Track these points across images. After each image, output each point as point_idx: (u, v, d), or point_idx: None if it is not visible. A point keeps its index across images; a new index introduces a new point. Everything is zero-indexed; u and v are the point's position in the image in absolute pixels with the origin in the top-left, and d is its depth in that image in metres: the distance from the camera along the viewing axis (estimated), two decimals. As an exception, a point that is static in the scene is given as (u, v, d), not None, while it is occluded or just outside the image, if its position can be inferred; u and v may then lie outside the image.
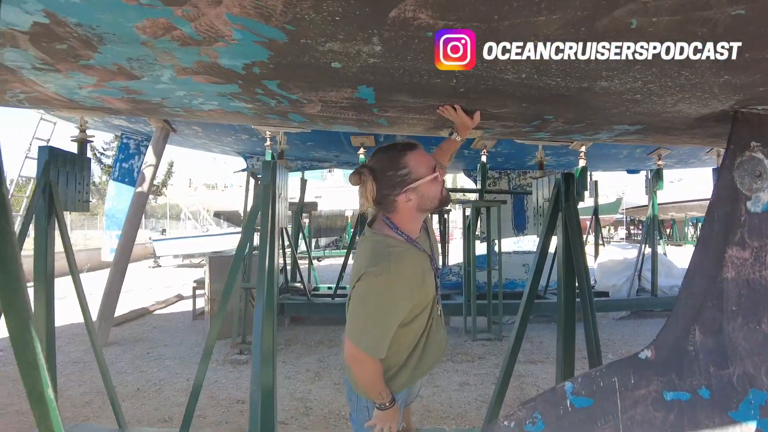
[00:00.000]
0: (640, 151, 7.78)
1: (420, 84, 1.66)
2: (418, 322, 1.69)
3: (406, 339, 1.68)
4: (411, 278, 1.57)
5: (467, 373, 5.06)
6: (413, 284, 1.58)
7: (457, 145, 2.10)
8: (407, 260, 1.57)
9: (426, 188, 1.61)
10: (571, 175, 2.82)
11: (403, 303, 1.57)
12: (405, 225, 1.64)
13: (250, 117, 2.42)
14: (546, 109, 2.01)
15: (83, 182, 3.33)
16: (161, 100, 2.24)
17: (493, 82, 1.64)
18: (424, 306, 1.68)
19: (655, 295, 8.05)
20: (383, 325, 1.55)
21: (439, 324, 1.80)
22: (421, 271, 1.63)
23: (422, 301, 1.66)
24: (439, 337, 1.82)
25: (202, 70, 1.73)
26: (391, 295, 1.52)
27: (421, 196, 1.62)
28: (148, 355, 6.01)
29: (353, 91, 1.79)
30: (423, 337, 1.72)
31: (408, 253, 1.60)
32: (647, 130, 2.43)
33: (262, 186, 2.63)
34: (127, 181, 7.68)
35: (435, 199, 1.64)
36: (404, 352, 1.70)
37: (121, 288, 6.79)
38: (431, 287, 1.69)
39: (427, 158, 1.64)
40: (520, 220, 8.48)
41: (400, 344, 1.66)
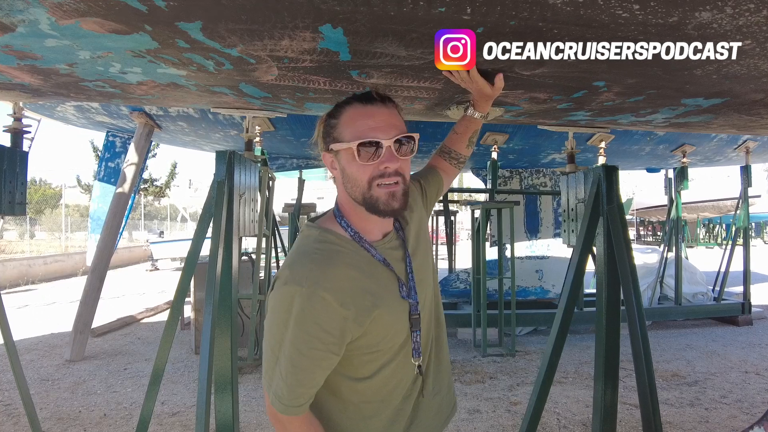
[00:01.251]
0: (663, 148, 7.14)
1: (415, 17, 1.06)
2: (382, 377, 1.11)
3: (366, 402, 1.13)
4: (347, 296, 1.02)
5: (478, 397, 4.44)
6: (353, 306, 1.02)
7: (477, 124, 1.49)
8: (342, 269, 1.04)
9: (346, 161, 1.07)
10: (614, 168, 2.21)
11: (329, 336, 1.01)
12: (352, 216, 1.12)
13: (194, 92, 1.83)
14: (600, 69, 1.40)
15: (16, 180, 2.76)
16: (69, 68, 1.67)
17: (531, 12, 1.04)
18: (385, 352, 1.10)
19: (679, 303, 7.42)
20: (296, 366, 1.01)
21: (430, 387, 1.21)
22: (371, 292, 1.05)
23: (377, 344, 1.08)
24: (433, 407, 1.21)
25: (84, 6, 1.14)
26: (306, 319, 0.99)
27: (342, 170, 1.09)
28: (125, 371, 5.46)
29: (315, 36, 1.19)
30: (396, 403, 1.15)
31: (348, 257, 1.06)
32: (725, 108, 1.82)
33: (215, 183, 2.04)
34: (113, 181, 7.21)
35: (357, 187, 1.07)
36: (365, 423, 1.13)
37: (100, 296, 6.25)
38: (397, 326, 1.10)
39: (363, 123, 1.05)
40: (532, 223, 7.83)
41: (357, 409, 1.12)
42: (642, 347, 2.07)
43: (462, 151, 1.48)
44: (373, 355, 1.10)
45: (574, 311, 2.32)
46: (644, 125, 2.24)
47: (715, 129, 2.31)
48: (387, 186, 1.05)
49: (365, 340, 1.06)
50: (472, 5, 1.02)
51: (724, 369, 5.26)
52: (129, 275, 15.20)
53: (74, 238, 20.89)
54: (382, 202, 1.05)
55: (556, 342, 2.20)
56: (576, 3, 1.03)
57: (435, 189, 1.41)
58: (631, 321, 2.10)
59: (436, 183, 1.42)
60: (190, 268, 2.15)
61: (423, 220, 1.30)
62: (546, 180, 7.88)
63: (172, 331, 2.18)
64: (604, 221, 2.20)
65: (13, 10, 1.21)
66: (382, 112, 1.07)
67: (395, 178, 1.05)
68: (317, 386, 1.06)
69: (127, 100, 2.25)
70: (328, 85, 1.61)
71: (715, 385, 4.74)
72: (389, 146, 1.04)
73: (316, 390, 1.07)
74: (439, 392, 1.24)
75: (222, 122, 6.04)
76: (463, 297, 7.19)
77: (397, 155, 1.05)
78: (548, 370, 2.20)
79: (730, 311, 7.40)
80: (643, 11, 1.07)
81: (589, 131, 2.46)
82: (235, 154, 2.12)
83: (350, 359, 1.08)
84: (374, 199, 1.05)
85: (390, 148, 1.04)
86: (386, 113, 1.07)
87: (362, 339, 1.06)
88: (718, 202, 21.95)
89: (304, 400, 1.04)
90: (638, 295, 2.09)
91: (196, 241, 2.11)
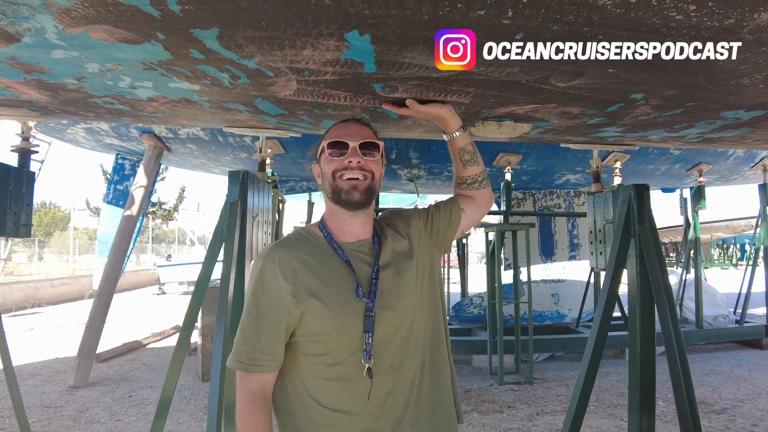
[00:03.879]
0: (679, 167, 7.02)
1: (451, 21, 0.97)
2: (336, 382, 1.17)
3: (325, 408, 1.17)
4: (290, 272, 1.18)
5: (496, 428, 4.25)
6: (293, 282, 1.17)
7: (455, 145, 1.46)
8: (297, 252, 1.21)
9: (322, 162, 1.27)
10: (645, 187, 2.09)
11: (271, 301, 1.17)
12: (330, 218, 1.30)
13: (207, 109, 1.75)
14: (641, 80, 1.30)
15: (22, 201, 2.69)
16: (77, 82, 1.60)
17: (577, 16, 0.95)
18: (335, 350, 1.17)
19: (701, 326, 7.18)
20: (244, 324, 1.19)
21: (406, 414, 1.21)
22: (319, 279, 1.18)
23: (321, 334, 1.16)
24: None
25: (93, 12, 1.07)
26: (257, 284, 1.19)
27: (322, 173, 1.28)
28: (130, 399, 5.32)
29: (339, 45, 1.10)
30: (355, 416, 1.17)
31: (309, 247, 1.24)
32: (765, 120, 1.71)
33: (227, 204, 1.94)
34: (121, 203, 7.19)
35: (326, 180, 1.25)
36: (322, 415, 1.17)
37: (105, 321, 6.14)
38: (344, 321, 1.16)
39: (338, 132, 1.26)
40: (547, 245, 7.67)
41: (314, 393, 1.18)
42: (682, 374, 1.93)
43: (461, 174, 1.48)
44: (320, 346, 1.16)
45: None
46: (675, 141, 2.14)
47: (749, 144, 2.21)
48: (350, 180, 1.21)
49: (308, 325, 1.16)
50: (514, 8, 0.93)
51: (752, 395, 5.03)
52: (136, 299, 15.11)
53: (82, 261, 20.89)
54: (344, 191, 1.21)
55: (589, 370, 2.06)
56: (627, 3, 0.94)
57: (447, 215, 1.42)
58: (668, 347, 1.96)
59: (449, 209, 1.43)
60: (200, 292, 2.04)
61: (420, 245, 1.33)
62: (560, 201, 7.75)
63: (180, 358, 2.07)
64: (636, 242, 2.07)
65: (18, 17, 1.13)
66: (355, 125, 1.27)
67: (358, 173, 1.21)
68: (262, 352, 1.15)
69: (136, 119, 2.19)
70: (349, 101, 1.53)
71: (744, 413, 4.52)
72: (354, 147, 1.22)
73: (262, 357, 1.15)
74: (417, 422, 1.22)
75: (232, 145, 6.01)
76: (477, 323, 7.01)
77: (361, 154, 1.22)
78: (581, 400, 2.06)
79: (754, 334, 7.17)
80: (698, 13, 0.98)
81: (615, 148, 2.36)
82: (248, 174, 2.03)
83: (302, 347, 1.18)
84: (338, 189, 1.21)
85: (355, 149, 1.22)
86: (358, 127, 1.27)
87: (305, 323, 1.16)
88: (732, 222, 21.67)
89: (246, 358, 1.15)
90: (675, 319, 1.95)
91: (207, 264, 2.00)
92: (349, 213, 1.23)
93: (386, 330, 1.19)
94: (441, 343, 1.30)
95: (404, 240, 1.31)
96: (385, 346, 1.19)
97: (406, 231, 1.33)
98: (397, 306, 1.21)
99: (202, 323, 5.96)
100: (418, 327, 1.25)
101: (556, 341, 6.35)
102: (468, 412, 4.62)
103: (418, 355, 1.24)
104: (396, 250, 1.28)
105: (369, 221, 1.29)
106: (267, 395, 1.19)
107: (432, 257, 1.35)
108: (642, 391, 2.09)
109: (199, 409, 4.87)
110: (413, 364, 1.23)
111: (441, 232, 1.39)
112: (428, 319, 1.28)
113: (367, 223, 1.29)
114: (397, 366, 1.20)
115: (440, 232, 1.39)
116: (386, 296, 1.20)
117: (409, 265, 1.27)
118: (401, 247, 1.30)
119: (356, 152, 1.21)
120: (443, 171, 6.60)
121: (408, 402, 1.21)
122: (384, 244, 1.28)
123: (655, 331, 2.12)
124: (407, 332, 1.22)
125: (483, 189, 1.46)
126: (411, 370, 1.22)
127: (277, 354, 1.18)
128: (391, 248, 1.28)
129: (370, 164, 1.23)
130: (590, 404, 4.84)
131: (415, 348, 1.24)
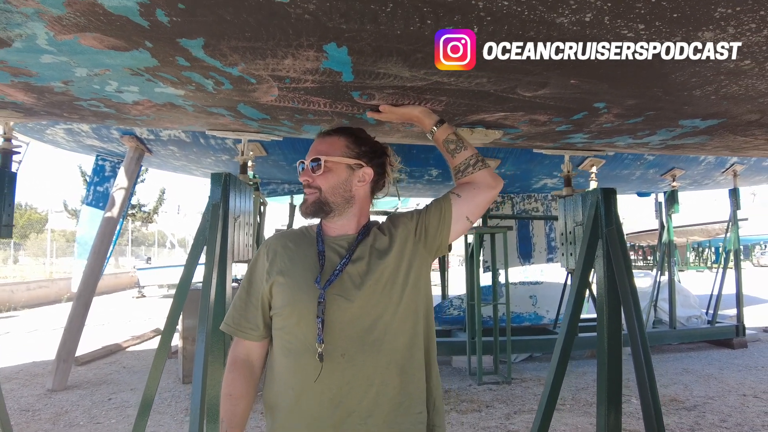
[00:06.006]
0: (653, 172, 7.22)
1: (421, 36, 1.05)
2: (291, 361, 1.28)
3: (279, 365, 1.31)
4: (272, 253, 1.37)
5: (474, 427, 4.34)
6: (270, 260, 1.35)
7: (438, 141, 1.51)
8: (284, 239, 1.41)
9: None
10: (612, 191, 2.20)
11: (255, 275, 1.38)
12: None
13: (191, 113, 1.80)
14: (601, 90, 1.40)
15: (4, 202, 2.70)
16: (64, 86, 1.64)
17: (537, 32, 1.03)
18: (290, 326, 1.28)
19: (674, 327, 7.39)
20: (236, 294, 1.40)
21: (361, 406, 1.25)
22: (293, 261, 1.34)
23: (281, 308, 1.30)
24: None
25: (84, 20, 1.12)
26: (251, 262, 1.42)
27: None
28: (110, 401, 5.28)
29: (318, 55, 1.17)
30: (294, 366, 1.28)
31: (297, 236, 1.42)
32: (721, 128, 1.83)
33: (209, 206, 1.99)
34: (101, 205, 7.10)
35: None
36: (280, 386, 1.30)
37: (85, 324, 6.08)
38: (301, 303, 1.27)
39: (314, 145, 1.39)
40: (525, 248, 7.82)
41: (279, 370, 1.31)
42: (646, 372, 2.03)
43: (452, 163, 1.50)
44: (279, 319, 1.30)
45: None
46: (640, 147, 2.25)
47: (709, 151, 2.33)
48: (306, 194, 1.36)
49: (275, 299, 1.32)
50: (479, 24, 1.01)
51: (722, 392, 5.21)
52: (115, 302, 14.90)
53: (59, 264, 20.50)
54: (303, 205, 1.36)
55: (558, 369, 2.15)
56: (582, 22, 1.03)
57: (437, 214, 1.41)
58: (633, 345, 2.06)
59: (439, 208, 1.42)
60: (182, 295, 2.08)
61: (405, 246, 1.37)
62: (538, 205, 7.90)
63: (162, 360, 2.10)
64: (603, 244, 2.18)
65: (11, 24, 1.18)
66: (321, 141, 1.37)
67: (306, 189, 1.35)
68: (246, 320, 1.34)
69: (121, 121, 2.22)
70: (329, 107, 1.60)
71: (714, 409, 4.69)
72: (306, 165, 1.35)
73: (246, 324, 1.34)
74: (370, 419, 1.24)
75: (214, 147, 6.01)
76: (456, 324, 7.10)
77: (311, 172, 1.33)
78: (550, 397, 2.15)
79: (725, 334, 7.40)
80: (647, 31, 1.08)
81: (585, 154, 2.47)
82: (230, 176, 2.08)
83: (274, 321, 1.33)
84: (303, 202, 1.37)
85: (307, 167, 1.35)
86: (321, 142, 1.37)
87: (273, 297, 1.32)
88: (706, 226, 22.12)
89: (233, 322, 1.35)
90: (640, 317, 2.06)
91: (188, 266, 2.04)
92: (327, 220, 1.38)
93: (339, 318, 1.25)
94: (417, 347, 1.32)
95: (385, 238, 1.37)
96: (336, 334, 1.25)
97: (390, 231, 1.39)
98: (356, 297, 1.26)
99: (183, 326, 5.94)
100: (388, 325, 1.27)
101: (534, 342, 6.48)
102: (447, 412, 4.70)
103: (384, 353, 1.26)
104: (374, 247, 1.35)
105: (350, 220, 1.38)
106: (250, 361, 1.35)
107: (420, 260, 1.37)
108: (609, 385, 2.19)
109: (180, 410, 4.86)
110: (374, 360, 1.25)
111: (431, 234, 1.39)
112: (405, 319, 1.30)
113: (349, 222, 1.38)
114: (350, 357, 1.24)
115: (429, 234, 1.39)
116: (346, 286, 1.27)
117: (383, 262, 1.31)
118: (381, 245, 1.35)
119: (307, 171, 1.34)
120: (423, 175, 6.69)
121: (363, 397, 1.24)
122: (363, 241, 1.36)
123: (621, 329, 2.22)
124: (369, 326, 1.26)
125: (479, 170, 1.45)
126: (369, 365, 1.25)
127: (259, 324, 1.33)
128: (370, 245, 1.35)
129: (317, 180, 1.33)
130: (567, 403, 4.98)
131: (380, 344, 1.26)
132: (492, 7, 0.93)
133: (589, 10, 0.94)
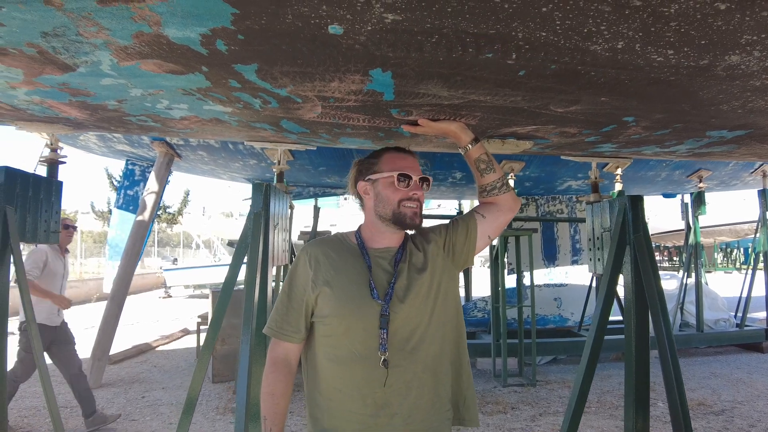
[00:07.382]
0: (679, 173, 7.13)
1: (462, 62, 1.12)
2: (348, 366, 1.37)
3: (328, 367, 1.39)
4: (315, 263, 1.43)
5: (500, 428, 4.39)
6: (314, 270, 1.42)
7: (470, 156, 1.62)
8: (326, 249, 1.47)
9: (382, 187, 1.47)
10: (639, 198, 2.23)
11: (297, 282, 1.45)
12: (366, 229, 1.52)
13: (235, 127, 1.90)
14: (631, 106, 1.45)
15: (51, 209, 2.85)
16: (117, 104, 1.75)
17: (572, 58, 1.09)
18: (342, 332, 1.37)
19: (701, 330, 7.27)
20: (278, 299, 1.47)
21: (395, 401, 1.36)
22: (338, 272, 1.41)
23: (328, 317, 1.38)
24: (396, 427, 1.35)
25: (147, 49, 1.22)
26: (291, 269, 1.48)
27: (377, 194, 1.48)
28: (143, 399, 5.46)
29: (363, 79, 1.25)
30: (344, 374, 1.37)
31: (338, 246, 1.48)
32: (748, 138, 1.86)
33: (252, 214, 2.10)
34: (131, 209, 7.31)
35: (389, 205, 1.45)
36: (326, 389, 1.39)
37: (118, 323, 6.28)
38: (350, 311, 1.36)
39: (400, 163, 1.48)
40: (550, 250, 7.80)
41: (324, 374, 1.40)
42: (674, 375, 2.06)
43: (479, 182, 1.63)
44: (327, 328, 1.38)
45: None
46: (667, 155, 2.28)
47: (736, 157, 2.35)
48: (411, 207, 1.44)
49: (320, 308, 1.39)
50: (518, 51, 1.08)
51: (750, 397, 5.15)
52: (142, 302, 15.24)
53: (87, 264, 21.04)
54: (408, 217, 1.43)
55: (586, 371, 2.19)
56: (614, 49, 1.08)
57: (464, 231, 1.55)
58: (661, 348, 2.09)
59: (465, 225, 1.57)
60: (226, 296, 2.19)
61: (436, 261, 1.50)
62: (563, 207, 7.87)
63: (206, 359, 2.21)
64: (631, 250, 2.22)
65: (79, 53, 1.29)
66: (412, 159, 1.49)
67: (417, 202, 1.45)
68: (288, 324, 1.41)
69: (164, 133, 2.34)
70: (367, 122, 1.68)
71: (742, 414, 4.64)
72: (416, 181, 1.45)
73: (288, 328, 1.41)
74: (410, 419, 1.36)
75: (242, 152, 6.14)
76: (480, 326, 7.13)
77: (420, 187, 1.46)
78: (578, 400, 2.19)
79: (754, 337, 7.25)
80: (676, 56, 1.13)
81: (613, 161, 2.50)
82: (271, 186, 2.18)
83: (317, 327, 1.41)
84: (402, 215, 1.43)
85: (416, 182, 1.45)
86: (413, 160, 1.49)
87: (318, 306, 1.39)
88: (734, 226, 21.62)
89: (275, 325, 1.43)
90: (667, 322, 2.09)
91: (232, 270, 2.16)
92: (396, 229, 1.46)
93: (387, 329, 1.36)
94: (445, 353, 1.46)
95: (420, 254, 1.50)
96: (416, 355, 1.38)
97: (423, 246, 1.52)
98: (399, 310, 1.37)
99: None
100: (424, 334, 1.40)
101: (559, 344, 6.46)
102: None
103: (420, 359, 1.39)
104: (411, 263, 1.47)
105: (401, 234, 1.51)
106: (289, 362, 1.43)
107: (448, 274, 1.51)
108: (637, 389, 2.23)
109: (211, 409, 5.00)
110: (412, 366, 1.38)
111: (458, 249, 1.54)
112: (437, 329, 1.43)
113: (399, 235, 1.50)
114: (393, 364, 1.35)
115: (456, 249, 1.54)
116: (393, 301, 1.38)
117: (421, 278, 1.44)
118: (417, 261, 1.48)
119: (417, 186, 1.46)
120: (447, 177, 6.73)
121: (404, 400, 1.36)
122: (404, 255, 1.47)
123: (648, 333, 2.26)
124: (407, 336, 1.38)
125: (503, 194, 1.59)
126: (408, 372, 1.37)
127: (300, 328, 1.42)
128: (408, 260, 1.47)
129: (422, 196, 1.48)
130: (592, 405, 4.98)
131: (416, 353, 1.38)
132: (530, 38, 1.00)
133: (621, 39, 1.00)
